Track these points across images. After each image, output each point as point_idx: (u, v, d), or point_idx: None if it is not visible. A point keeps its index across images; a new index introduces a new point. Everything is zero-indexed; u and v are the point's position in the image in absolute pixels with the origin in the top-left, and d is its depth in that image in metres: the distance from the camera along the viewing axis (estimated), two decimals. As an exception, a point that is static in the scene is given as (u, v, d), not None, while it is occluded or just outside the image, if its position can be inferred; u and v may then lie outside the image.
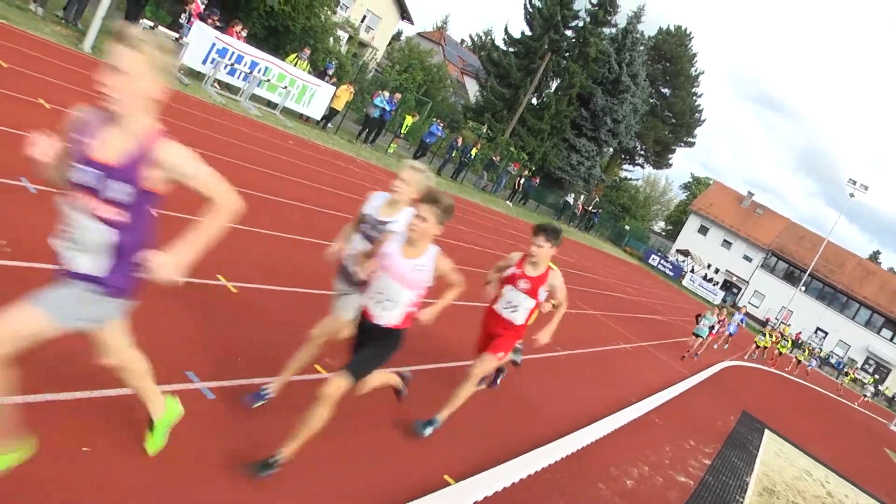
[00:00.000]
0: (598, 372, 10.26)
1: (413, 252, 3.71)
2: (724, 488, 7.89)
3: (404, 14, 48.96)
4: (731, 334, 23.32)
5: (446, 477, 4.52)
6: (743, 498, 7.91)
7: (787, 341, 29.16)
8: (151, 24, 14.47)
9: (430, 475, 4.46)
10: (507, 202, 33.21)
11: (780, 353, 28.05)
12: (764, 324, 45.08)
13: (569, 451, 6.08)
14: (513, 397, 6.89)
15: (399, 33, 55.94)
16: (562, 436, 6.43)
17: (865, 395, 34.47)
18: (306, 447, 3.62)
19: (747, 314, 47.31)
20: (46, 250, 4.58)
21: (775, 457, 11.09)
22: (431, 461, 4.66)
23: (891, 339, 53.32)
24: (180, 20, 15.49)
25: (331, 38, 28.53)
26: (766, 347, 25.98)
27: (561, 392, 8.15)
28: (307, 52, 20.23)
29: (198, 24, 15.48)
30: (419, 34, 65.46)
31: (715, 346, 21.70)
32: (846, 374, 36.46)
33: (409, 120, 25.42)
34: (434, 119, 28.75)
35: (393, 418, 4.96)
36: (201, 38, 15.68)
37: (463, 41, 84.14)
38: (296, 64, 18.87)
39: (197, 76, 16.40)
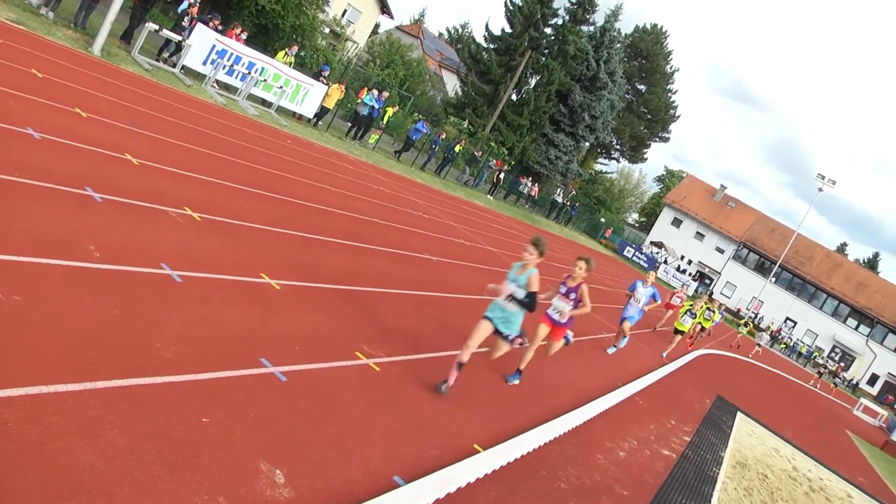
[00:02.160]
0: (588, 358, 11.15)
1: None
2: (702, 461, 8.83)
3: (384, 8, 49.49)
4: (624, 320, 12.74)
5: (476, 445, 5.35)
6: (719, 469, 8.87)
7: (713, 312, 20.19)
8: (156, 27, 14.98)
9: (462, 444, 5.28)
10: (488, 196, 34.07)
11: (703, 328, 20.61)
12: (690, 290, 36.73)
13: (571, 427, 6.96)
14: (521, 381, 7.73)
15: (376, 26, 56.43)
16: (563, 413, 7.30)
17: (759, 346, 31.68)
18: (350, 420, 4.41)
19: (657, 282, 30.89)
20: (124, 254, 5.32)
21: (747, 436, 12.10)
22: (462, 432, 5.48)
23: (856, 328, 55.41)
24: (182, 23, 16.01)
25: (318, 36, 29.06)
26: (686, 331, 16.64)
27: (558, 376, 9.01)
28: (294, 48, 20.87)
29: (199, 27, 16.04)
30: (397, 28, 65.89)
31: (611, 351, 12.74)
32: (745, 325, 31.75)
33: (389, 111, 26.08)
34: (419, 116, 29.45)
35: (432, 399, 5.77)
36: (202, 40, 16.26)
37: (440, 34, 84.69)
38: (284, 60, 19.45)
39: (197, 76, 16.96)
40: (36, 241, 4.85)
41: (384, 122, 25.80)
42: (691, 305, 16.48)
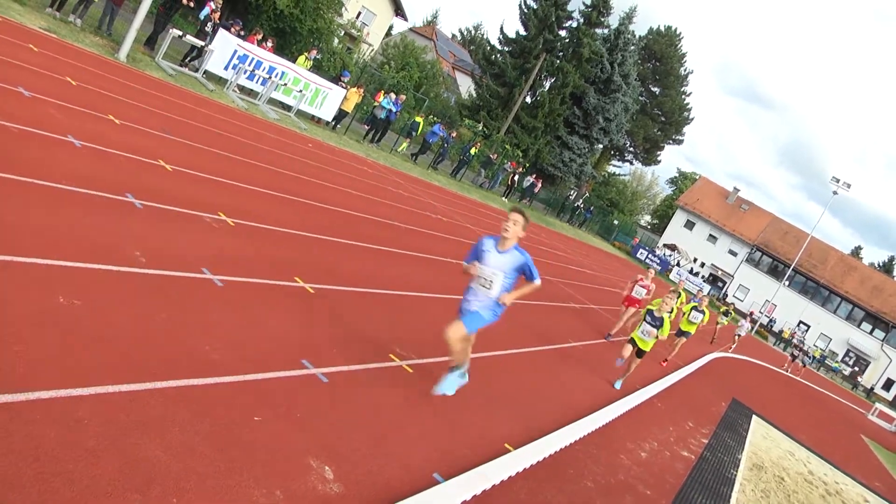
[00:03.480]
0: (605, 360, 11.31)
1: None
2: (720, 463, 8.99)
3: (398, 10, 49.77)
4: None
5: (506, 445, 5.55)
6: (736, 471, 9.02)
7: (702, 313, 15.22)
8: (179, 32, 15.27)
9: (493, 443, 5.48)
10: (503, 198, 34.26)
11: (683, 333, 15.27)
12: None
13: (594, 428, 7.15)
14: (543, 383, 7.93)
15: (390, 28, 56.73)
16: (584, 415, 7.48)
17: (739, 335, 26.83)
18: (388, 419, 4.62)
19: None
20: (167, 259, 5.55)
21: (762, 439, 12.23)
22: (492, 432, 5.69)
23: (870, 333, 55.06)
24: (205, 28, 16.30)
25: (335, 40, 29.34)
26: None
27: (579, 378, 9.19)
28: (314, 52, 21.20)
29: (221, 32, 16.32)
30: (411, 29, 66.12)
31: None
32: (726, 313, 26.73)
33: (421, 122, 26.37)
34: (436, 119, 29.69)
35: (461, 399, 5.97)
36: (225, 45, 16.54)
37: (453, 35, 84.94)
38: (305, 64, 19.76)
39: (219, 81, 17.24)
40: (89, 247, 5.09)
41: (418, 132, 26.12)
42: (659, 305, 9.75)
